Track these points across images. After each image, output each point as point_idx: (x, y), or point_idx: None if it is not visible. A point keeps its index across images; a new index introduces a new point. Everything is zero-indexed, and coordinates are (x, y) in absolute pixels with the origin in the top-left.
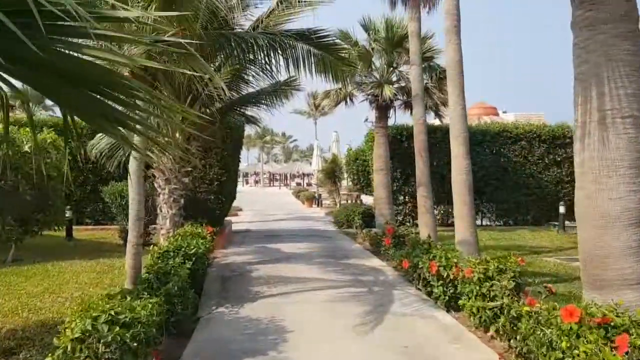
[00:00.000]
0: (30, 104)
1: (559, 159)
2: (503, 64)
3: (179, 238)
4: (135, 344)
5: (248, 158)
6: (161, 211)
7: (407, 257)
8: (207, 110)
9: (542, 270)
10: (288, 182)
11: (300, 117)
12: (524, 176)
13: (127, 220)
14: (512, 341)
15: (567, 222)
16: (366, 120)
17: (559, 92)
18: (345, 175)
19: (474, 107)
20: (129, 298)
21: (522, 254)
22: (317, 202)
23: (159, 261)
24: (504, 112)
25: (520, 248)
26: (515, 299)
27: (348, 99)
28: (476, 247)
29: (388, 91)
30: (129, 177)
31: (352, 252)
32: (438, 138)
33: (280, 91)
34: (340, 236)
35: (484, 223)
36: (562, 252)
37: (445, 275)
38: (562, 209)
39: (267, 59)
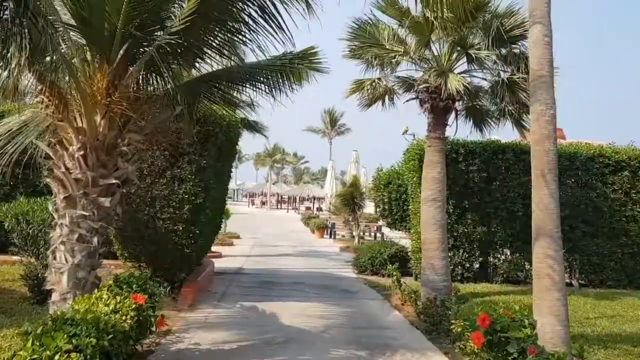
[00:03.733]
0: None
1: None
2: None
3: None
4: None
5: (257, 177)
6: (55, 259)
7: None
8: (158, 80)
9: None
10: (297, 205)
11: (313, 137)
12: (623, 220)
13: (39, 256)
14: None
15: None
16: (405, 132)
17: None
18: (369, 203)
19: None
20: None
21: None
22: (329, 232)
23: None
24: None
25: None
26: None
27: (387, 98)
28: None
29: (455, 82)
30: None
31: (393, 332)
32: (509, 161)
33: (291, 68)
34: (366, 291)
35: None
36: None
37: None
38: None
39: None
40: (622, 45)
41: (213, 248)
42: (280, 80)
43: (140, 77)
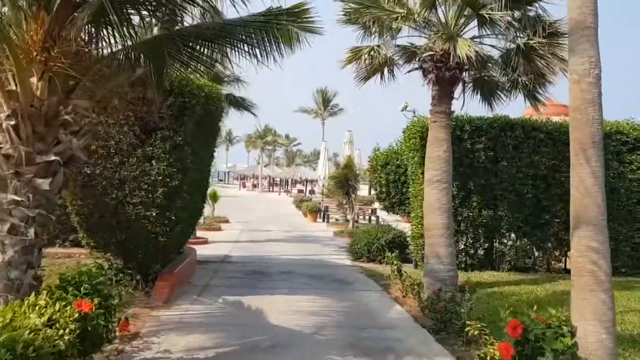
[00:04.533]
0: None
1: None
2: None
3: None
4: None
5: (248, 160)
6: None
7: None
8: (112, 34)
9: None
10: (289, 188)
11: (305, 118)
12: None
13: None
14: None
15: None
16: (405, 108)
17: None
18: (362, 186)
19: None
20: None
21: None
22: (322, 216)
23: None
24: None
25: None
26: None
27: (386, 69)
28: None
29: (465, 48)
30: None
31: (396, 332)
32: (518, 138)
33: (278, 25)
34: (363, 281)
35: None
36: None
37: None
38: None
39: None
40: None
41: (198, 233)
42: (266, 40)
43: (88, 29)
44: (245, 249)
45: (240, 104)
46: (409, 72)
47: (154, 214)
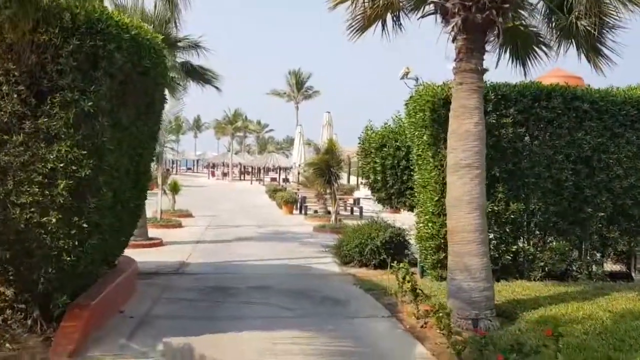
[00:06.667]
0: None
1: None
2: None
3: None
4: None
5: (218, 147)
6: None
7: None
8: None
9: None
10: (262, 176)
11: (278, 103)
12: None
13: None
14: None
15: None
16: (406, 75)
17: None
18: (347, 174)
19: (549, 75)
20: None
21: None
22: (299, 207)
23: None
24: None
25: None
26: None
27: (390, 15)
28: None
29: None
30: None
31: None
32: (556, 110)
33: None
34: (361, 300)
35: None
36: None
37: None
38: None
39: None
40: None
41: (152, 232)
42: None
43: None
44: (208, 252)
45: (200, 76)
46: (422, 17)
47: (54, 219)
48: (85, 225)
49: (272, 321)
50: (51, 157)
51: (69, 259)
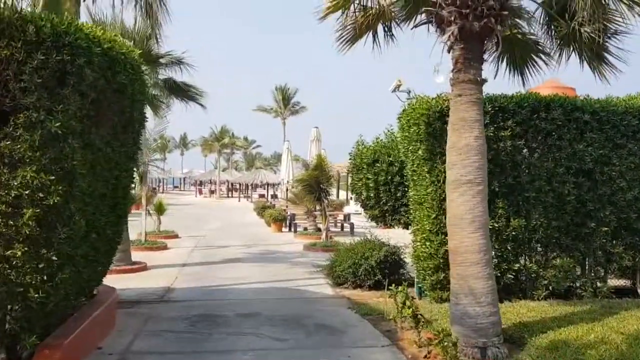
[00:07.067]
0: None
1: None
2: None
3: None
4: None
5: (205, 165)
6: None
7: None
8: None
9: None
10: (249, 193)
11: (264, 119)
12: None
13: None
14: None
15: None
16: (397, 88)
17: None
18: (337, 188)
19: (543, 86)
20: None
21: None
22: (288, 225)
23: None
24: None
25: None
26: None
27: (382, 25)
28: None
29: None
30: None
31: None
32: (556, 122)
33: None
34: (358, 327)
35: None
36: None
37: None
38: None
39: None
40: None
41: (136, 256)
42: None
43: None
44: (194, 276)
45: (184, 92)
46: (416, 26)
47: (20, 253)
48: (55, 257)
49: (263, 355)
50: (15, 183)
51: (37, 295)
